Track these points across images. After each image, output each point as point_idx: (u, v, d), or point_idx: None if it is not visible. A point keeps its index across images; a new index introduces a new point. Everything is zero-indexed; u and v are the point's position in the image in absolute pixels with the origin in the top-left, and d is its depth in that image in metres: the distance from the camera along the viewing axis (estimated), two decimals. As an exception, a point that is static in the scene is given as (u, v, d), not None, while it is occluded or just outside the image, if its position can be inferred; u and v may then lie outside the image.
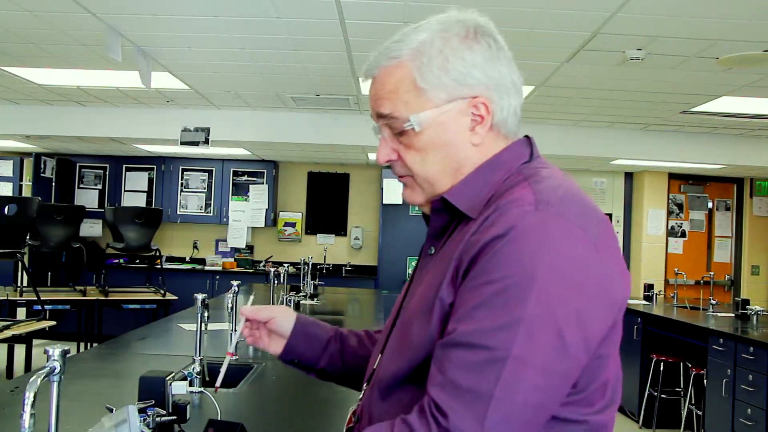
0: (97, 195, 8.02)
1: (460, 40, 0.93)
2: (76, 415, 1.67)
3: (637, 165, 7.04)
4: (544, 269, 0.78)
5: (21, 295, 5.09)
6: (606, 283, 0.83)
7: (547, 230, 0.81)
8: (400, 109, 0.93)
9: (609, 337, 0.86)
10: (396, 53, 0.94)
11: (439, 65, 0.92)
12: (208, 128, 5.87)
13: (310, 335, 1.22)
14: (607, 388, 0.88)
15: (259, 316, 1.21)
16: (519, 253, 0.79)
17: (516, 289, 0.78)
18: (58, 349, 1.03)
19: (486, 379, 0.76)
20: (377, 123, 0.98)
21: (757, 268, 7.50)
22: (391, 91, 0.94)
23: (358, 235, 8.15)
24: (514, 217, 0.82)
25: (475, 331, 0.79)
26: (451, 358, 0.80)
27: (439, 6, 1.00)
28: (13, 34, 3.65)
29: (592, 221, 0.84)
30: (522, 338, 0.77)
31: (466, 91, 0.92)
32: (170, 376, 1.48)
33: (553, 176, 0.91)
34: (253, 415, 1.96)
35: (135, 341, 2.96)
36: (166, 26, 3.49)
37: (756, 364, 3.90)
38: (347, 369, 1.23)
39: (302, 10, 3.19)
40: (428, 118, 0.92)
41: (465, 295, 0.82)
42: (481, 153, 0.95)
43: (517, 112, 0.97)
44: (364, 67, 0.98)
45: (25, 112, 5.89)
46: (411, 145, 0.95)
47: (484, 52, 0.93)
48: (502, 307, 0.78)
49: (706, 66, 3.75)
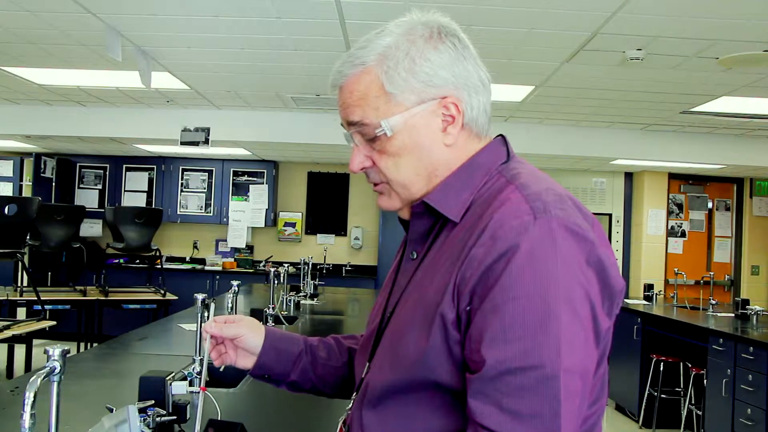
0: (97, 195, 8.02)
1: (425, 41, 0.93)
2: (76, 415, 1.67)
3: (637, 165, 7.04)
4: (560, 276, 0.79)
5: (21, 295, 5.09)
6: (607, 279, 0.85)
7: (552, 238, 0.81)
8: (370, 116, 0.93)
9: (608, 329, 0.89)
10: (362, 60, 0.93)
11: (406, 68, 0.91)
12: (208, 128, 5.87)
13: (281, 350, 1.18)
14: (603, 381, 0.91)
15: (226, 335, 1.14)
16: (532, 267, 0.79)
17: (543, 302, 0.78)
18: (58, 349, 1.03)
19: (547, 398, 0.76)
20: (348, 131, 0.98)
21: (757, 268, 7.50)
22: (360, 98, 0.93)
23: (358, 235, 8.15)
24: (516, 231, 0.81)
25: (517, 353, 0.78)
26: (501, 388, 0.78)
27: (439, 6, 1.00)
28: (13, 34, 3.65)
29: (586, 220, 0.86)
30: (565, 349, 0.78)
31: (434, 92, 0.92)
32: (170, 376, 1.48)
33: (535, 177, 0.91)
34: (253, 415, 1.96)
35: (135, 341, 2.96)
36: (166, 26, 3.49)
37: (756, 364, 3.90)
38: (319, 381, 1.21)
39: (302, 10, 3.19)
40: (399, 121, 0.92)
41: (488, 318, 0.80)
42: (454, 154, 0.95)
43: (486, 109, 0.97)
44: (331, 77, 0.97)
45: (25, 112, 5.89)
46: (384, 150, 0.95)
47: (449, 51, 0.93)
48: (533, 324, 0.78)
49: (706, 66, 3.75)
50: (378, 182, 0.99)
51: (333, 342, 1.24)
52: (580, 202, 0.90)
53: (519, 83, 4.44)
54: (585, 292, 0.81)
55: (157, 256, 6.49)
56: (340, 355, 1.22)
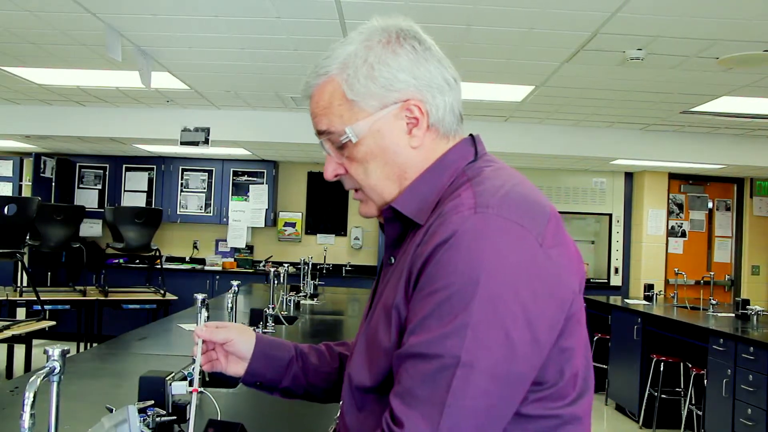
0: (97, 195, 8.01)
1: (382, 47, 0.93)
2: (76, 415, 1.67)
3: (637, 165, 7.04)
4: (487, 272, 0.78)
5: (21, 295, 5.09)
6: (553, 280, 0.83)
7: (486, 232, 0.80)
8: (335, 123, 0.95)
9: (569, 330, 0.85)
10: (324, 69, 0.95)
11: (365, 74, 0.92)
12: (208, 128, 5.87)
13: (271, 357, 1.18)
14: (578, 379, 0.88)
15: (216, 338, 1.15)
16: (459, 259, 0.80)
17: (460, 294, 0.78)
18: (58, 349, 1.03)
19: (438, 387, 0.77)
20: (319, 140, 1.00)
21: (757, 268, 7.50)
22: (325, 107, 0.96)
23: (358, 235, 8.15)
24: (453, 224, 0.82)
25: (425, 341, 0.79)
26: (407, 368, 0.81)
27: (439, 6, 1.00)
28: (13, 34, 3.65)
29: (535, 218, 0.84)
30: (469, 343, 0.77)
31: (396, 96, 0.93)
32: (170, 376, 1.48)
33: (496, 175, 0.91)
34: (253, 415, 1.96)
35: (135, 341, 2.96)
36: (166, 26, 3.49)
37: (756, 364, 3.89)
38: (311, 387, 1.21)
39: (302, 10, 3.19)
40: (363, 127, 0.93)
41: (415, 307, 0.83)
42: (422, 155, 0.95)
43: (454, 109, 0.97)
44: (301, 88, 1.00)
45: (25, 112, 5.89)
46: (353, 157, 0.96)
47: (408, 55, 0.93)
48: (448, 314, 0.78)
49: (706, 66, 3.75)
50: (354, 188, 1.01)
51: (324, 348, 1.25)
52: (549, 201, 0.89)
53: (519, 83, 4.44)
54: (514, 292, 0.79)
55: (156, 256, 6.49)
56: (331, 360, 1.23)
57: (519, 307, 0.79)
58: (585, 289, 0.92)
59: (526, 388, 0.82)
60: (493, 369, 0.77)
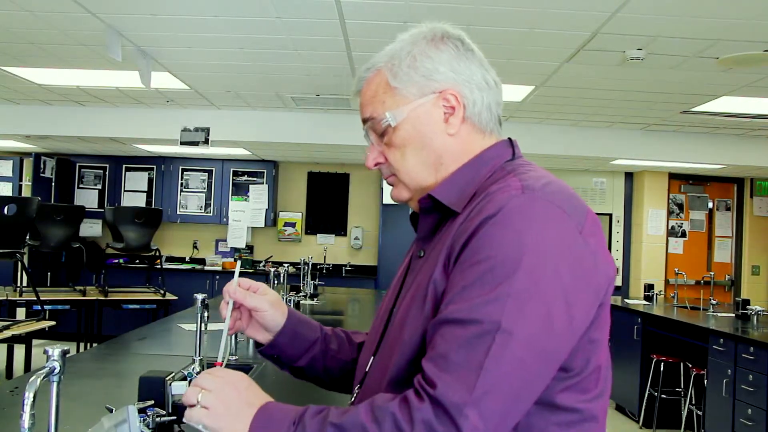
0: (97, 195, 8.01)
1: (427, 42, 1.00)
2: (76, 415, 1.67)
3: (637, 165, 7.04)
4: (531, 247, 0.81)
5: (20, 295, 5.09)
6: (591, 266, 0.86)
7: (533, 211, 0.84)
8: (378, 110, 1.00)
9: (598, 321, 0.88)
10: (374, 64, 1.02)
11: (408, 64, 0.98)
12: (208, 128, 5.87)
13: (298, 335, 1.19)
14: (600, 374, 0.90)
15: (248, 304, 1.13)
16: (505, 233, 0.83)
17: (503, 266, 0.81)
18: (58, 349, 1.03)
19: (475, 351, 0.79)
20: (364, 129, 1.05)
21: (757, 268, 7.50)
22: (371, 96, 1.01)
23: (358, 235, 8.15)
24: (500, 201, 0.85)
25: (464, 308, 0.81)
26: (443, 333, 0.82)
27: (439, 6, 1.02)
28: (13, 34, 3.65)
29: (576, 207, 0.88)
30: (510, 312, 0.79)
31: (435, 86, 0.98)
32: (170, 376, 1.48)
33: (537, 171, 0.95)
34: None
35: (135, 341, 2.96)
36: (166, 26, 3.49)
37: (756, 364, 3.89)
38: (324, 372, 1.22)
39: (302, 10, 3.19)
40: (402, 113, 0.98)
41: (456, 278, 0.85)
42: (458, 144, 0.99)
43: (491, 108, 1.01)
44: (353, 86, 1.07)
45: (25, 112, 5.89)
46: (391, 142, 1.01)
47: (450, 51, 0.99)
48: (490, 283, 0.81)
49: (706, 66, 3.75)
50: (389, 175, 1.05)
51: (344, 336, 1.26)
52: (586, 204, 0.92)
53: (519, 83, 4.44)
54: (555, 270, 0.82)
55: (156, 256, 6.49)
56: (350, 350, 1.23)
57: (559, 284, 0.82)
58: None
59: (556, 367, 0.84)
60: (531, 340, 0.79)
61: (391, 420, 0.79)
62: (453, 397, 0.77)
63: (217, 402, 0.90)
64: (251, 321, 1.16)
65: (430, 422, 0.77)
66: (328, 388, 1.25)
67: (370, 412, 0.82)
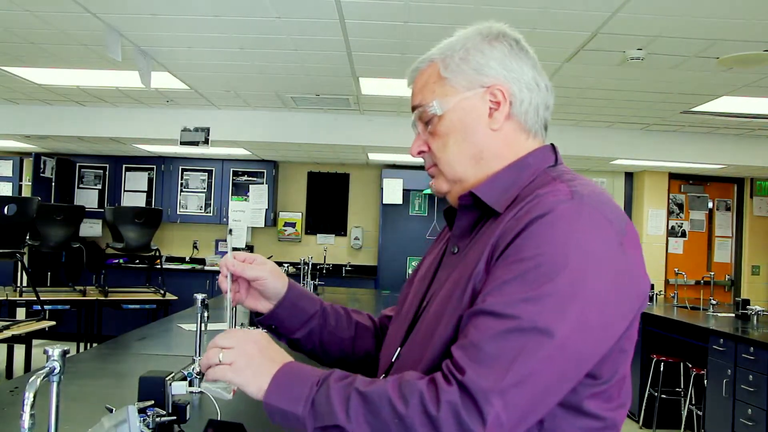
0: (97, 195, 8.01)
1: (482, 38, 1.02)
2: (76, 415, 1.67)
3: (637, 165, 7.04)
4: (576, 251, 0.82)
5: (21, 295, 5.09)
6: (629, 277, 0.87)
7: (581, 217, 0.85)
8: (427, 98, 1.02)
9: (629, 333, 0.89)
10: (429, 56, 1.05)
11: (460, 57, 1.00)
12: (208, 128, 5.87)
13: (298, 308, 1.19)
14: (624, 384, 0.92)
15: (247, 275, 1.14)
16: (552, 234, 0.84)
17: (548, 266, 0.82)
18: (58, 349, 1.03)
19: (508, 346, 0.79)
20: (413, 118, 1.06)
21: (757, 268, 7.50)
22: (423, 85, 1.03)
23: (358, 235, 8.15)
24: (550, 203, 0.87)
25: (503, 302, 0.82)
26: (477, 324, 0.83)
27: (439, 6, 1.02)
28: (13, 34, 3.65)
29: (620, 219, 0.89)
30: (549, 312, 0.80)
31: (484, 80, 0.99)
32: (170, 376, 1.48)
33: (582, 179, 0.96)
34: (253, 415, 1.96)
35: (135, 341, 2.96)
36: (166, 26, 3.49)
37: (756, 364, 3.89)
38: (320, 347, 1.23)
39: (302, 10, 3.19)
40: (449, 103, 1.00)
41: (497, 272, 0.86)
42: (500, 140, 1.00)
43: (539, 109, 1.02)
44: (407, 77, 1.09)
45: (25, 112, 5.89)
46: (435, 131, 1.02)
47: (503, 49, 1.01)
48: (532, 282, 0.81)
49: (706, 66, 3.75)
50: (430, 165, 1.06)
51: (343, 313, 1.27)
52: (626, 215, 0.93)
53: (519, 83, 4.44)
54: (597, 277, 0.82)
55: (156, 256, 6.48)
56: (348, 327, 1.25)
57: (598, 290, 0.83)
58: None
59: (584, 372, 0.84)
60: (565, 341, 0.80)
61: (418, 397, 0.80)
62: (481, 385, 0.78)
63: (239, 357, 0.91)
64: (250, 291, 1.18)
65: (456, 405, 0.78)
66: (322, 364, 1.25)
67: (398, 387, 0.83)
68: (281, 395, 0.87)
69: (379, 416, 0.81)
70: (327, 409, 0.83)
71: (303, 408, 0.85)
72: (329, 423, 0.83)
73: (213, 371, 0.91)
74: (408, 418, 0.79)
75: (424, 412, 0.79)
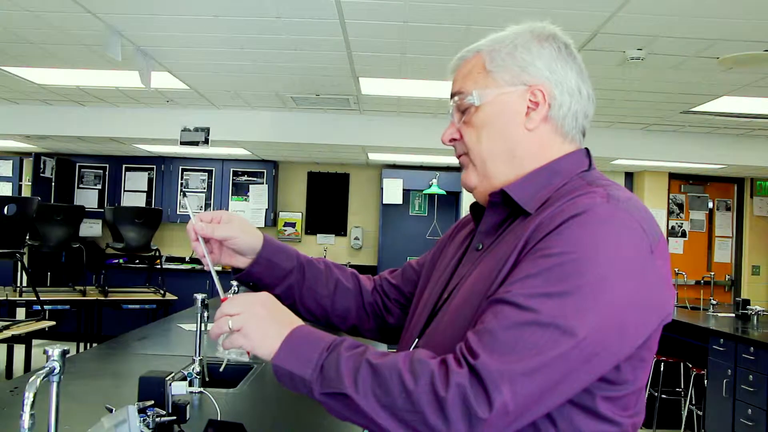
0: (97, 195, 8.01)
1: (531, 37, 1.02)
2: (76, 415, 1.67)
3: (637, 165, 7.04)
4: (606, 253, 0.82)
5: (20, 295, 5.09)
6: (656, 286, 0.86)
7: (615, 220, 0.85)
8: (468, 87, 1.02)
9: (649, 344, 0.89)
10: (476, 47, 1.05)
11: (507, 52, 1.01)
12: (208, 128, 5.86)
13: (273, 264, 1.18)
14: (641, 394, 0.92)
15: (217, 236, 1.12)
16: (583, 233, 0.83)
17: (574, 264, 0.82)
18: (58, 350, 1.03)
19: (524, 338, 0.79)
20: (450, 103, 1.06)
21: (757, 268, 7.50)
22: (466, 74, 1.04)
23: (358, 235, 8.15)
24: (585, 204, 0.87)
25: (524, 294, 0.82)
26: (496, 312, 0.83)
27: (439, 6, 1.02)
28: (13, 34, 3.65)
29: (653, 228, 0.88)
30: (569, 309, 0.80)
31: (527, 78, 0.99)
32: (170, 376, 1.48)
33: (617, 185, 0.95)
34: (253, 415, 1.96)
35: (135, 341, 2.96)
36: (166, 26, 3.49)
37: (756, 364, 3.89)
38: (299, 302, 1.23)
39: (302, 10, 3.19)
40: (488, 95, 1.00)
41: (524, 265, 0.86)
42: (534, 141, 0.99)
43: (578, 116, 1.02)
44: (451, 64, 1.08)
45: (25, 112, 5.89)
46: (470, 122, 1.02)
47: (551, 51, 1.01)
48: (557, 278, 0.81)
49: (706, 66, 3.75)
50: (461, 153, 1.05)
51: (323, 268, 1.26)
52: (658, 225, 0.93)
53: (519, 83, 4.44)
54: (623, 281, 0.82)
55: (156, 256, 6.49)
56: (326, 283, 1.24)
57: (622, 294, 0.82)
58: None
59: (598, 374, 0.84)
60: (582, 341, 0.80)
61: (428, 376, 0.81)
62: (492, 371, 0.78)
63: (247, 321, 0.91)
64: (223, 250, 1.16)
65: (465, 388, 0.78)
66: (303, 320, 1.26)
67: (409, 362, 0.83)
68: (291, 358, 0.88)
69: (387, 389, 0.81)
70: (335, 375, 0.84)
71: (312, 372, 0.86)
72: (336, 390, 0.83)
73: (225, 340, 0.91)
74: (416, 394, 0.80)
75: (433, 392, 0.79)
